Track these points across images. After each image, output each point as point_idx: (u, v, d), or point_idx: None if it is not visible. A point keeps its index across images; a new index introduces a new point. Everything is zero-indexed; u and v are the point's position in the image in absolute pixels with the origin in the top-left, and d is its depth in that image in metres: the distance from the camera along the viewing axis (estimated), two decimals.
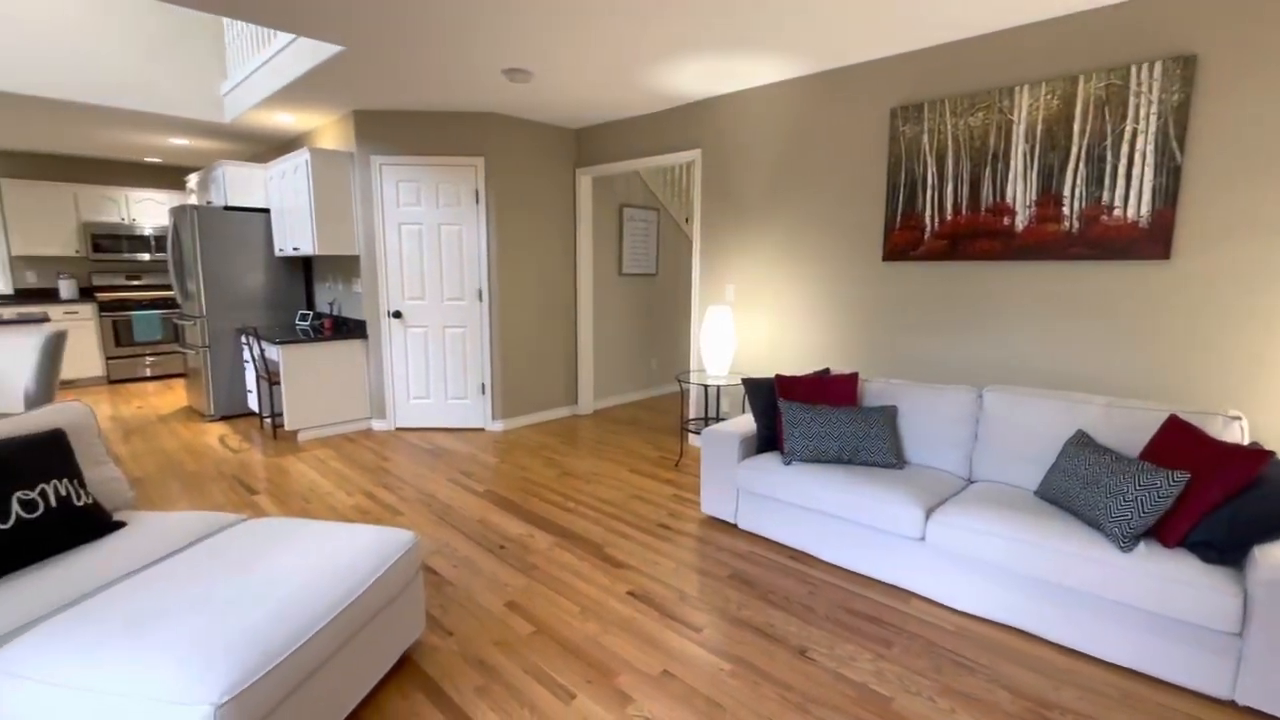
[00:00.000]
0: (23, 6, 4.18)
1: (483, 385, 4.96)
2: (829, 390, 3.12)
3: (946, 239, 3.17)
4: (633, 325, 6.01)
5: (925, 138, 3.20)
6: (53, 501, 1.94)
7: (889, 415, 2.94)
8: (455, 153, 4.67)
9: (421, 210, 4.74)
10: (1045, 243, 2.87)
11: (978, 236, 3.07)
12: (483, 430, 5.01)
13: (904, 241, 3.33)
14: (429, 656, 2.14)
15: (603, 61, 3.45)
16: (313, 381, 4.68)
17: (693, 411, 4.57)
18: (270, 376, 4.74)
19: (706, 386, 4.02)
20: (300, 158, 4.63)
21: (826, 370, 3.37)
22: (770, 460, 3.01)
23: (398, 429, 5.02)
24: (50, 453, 2.05)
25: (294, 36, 3.71)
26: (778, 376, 3.19)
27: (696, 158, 4.31)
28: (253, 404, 5.33)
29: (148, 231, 7.41)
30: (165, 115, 4.86)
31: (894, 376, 3.49)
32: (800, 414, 2.96)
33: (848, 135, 3.53)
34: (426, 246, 4.78)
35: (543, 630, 2.30)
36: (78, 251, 7.03)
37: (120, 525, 2.13)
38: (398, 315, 4.86)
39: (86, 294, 7.13)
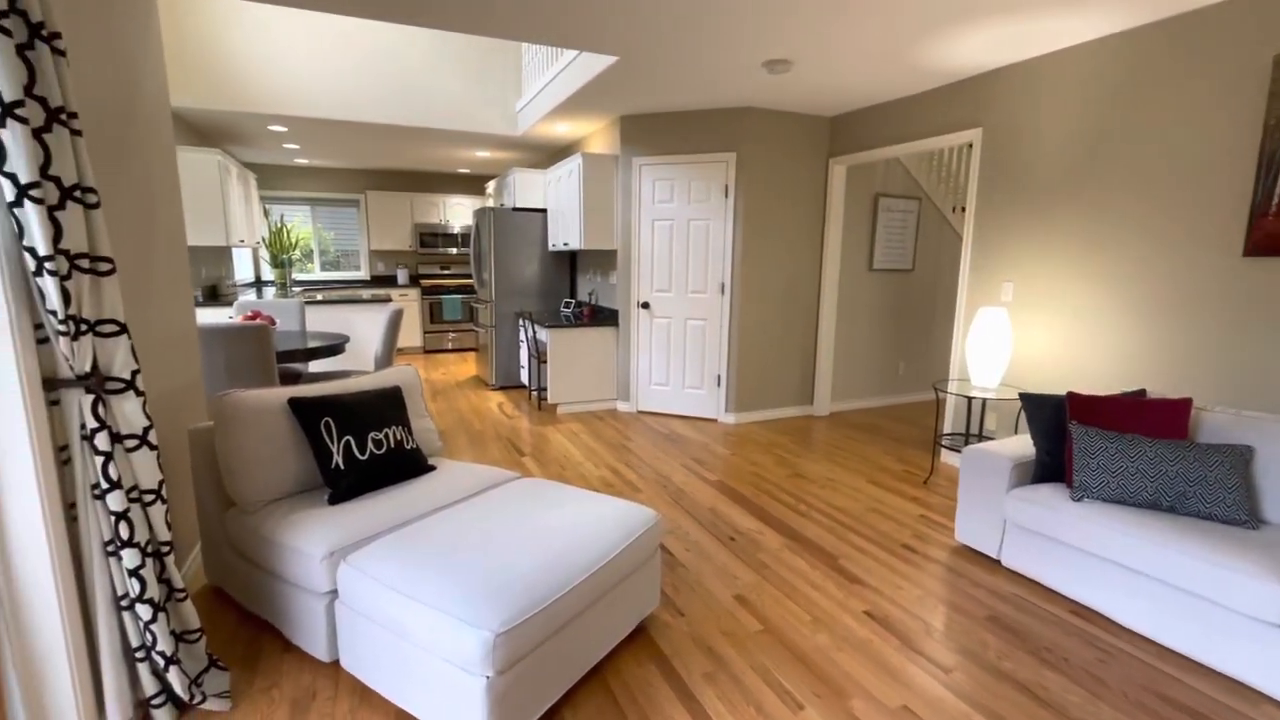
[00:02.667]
0: (386, 57, 5.36)
1: (718, 377, 5.05)
2: (1145, 417, 2.51)
3: None
4: (880, 325, 5.57)
5: None
6: (392, 443, 2.46)
7: (1239, 457, 2.26)
8: (708, 150, 4.79)
9: (673, 206, 4.97)
10: None
11: None
12: (715, 421, 5.11)
13: None
14: (662, 631, 2.24)
15: (870, 42, 3.22)
16: (572, 362, 5.25)
17: (949, 425, 4.07)
18: (539, 355, 5.43)
19: (970, 399, 3.54)
20: (574, 162, 5.19)
21: (1142, 392, 2.72)
22: (1052, 493, 2.53)
23: (639, 412, 5.38)
24: (392, 404, 2.60)
25: (577, 53, 4.16)
26: (1070, 394, 2.67)
27: (975, 138, 3.80)
28: (524, 378, 6.17)
29: (456, 230, 9.03)
30: (476, 133, 5.84)
31: (1249, 408, 2.68)
32: (1101, 442, 2.43)
33: (1193, 97, 2.77)
34: (675, 241, 5.01)
35: (771, 630, 2.25)
36: (410, 247, 8.88)
37: (432, 468, 2.62)
38: (646, 306, 5.19)
39: (414, 280, 8.96)
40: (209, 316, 5.40)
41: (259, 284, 8.16)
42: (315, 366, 5.85)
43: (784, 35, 3.16)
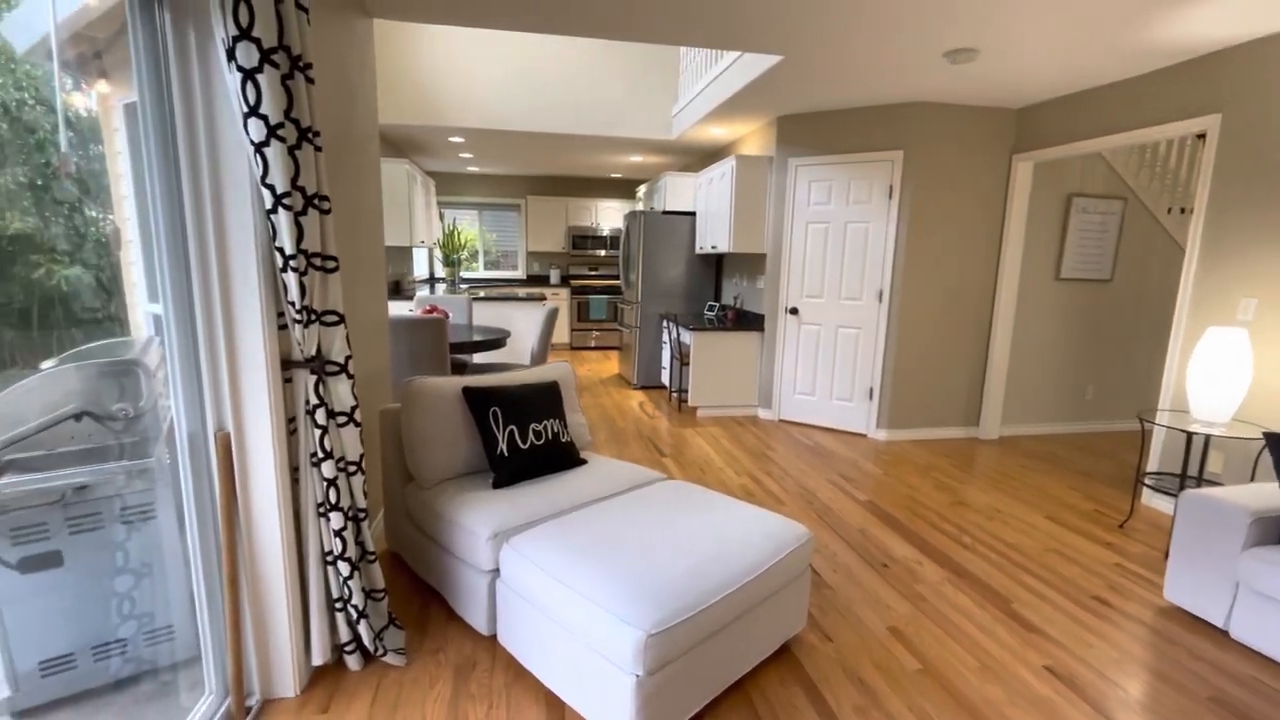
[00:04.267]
0: (553, 69, 5.67)
1: (870, 390, 4.75)
2: None
3: None
4: (1067, 341, 4.92)
5: None
6: (550, 435, 2.59)
7: None
8: (872, 148, 4.52)
9: (830, 208, 4.76)
10: None
11: None
12: (864, 436, 4.81)
13: None
14: (808, 654, 2.14)
15: (1076, 20, 2.84)
16: (714, 366, 5.22)
17: (1155, 463, 3.49)
18: (682, 357, 5.46)
19: (1189, 434, 3.00)
20: (727, 165, 5.16)
21: None
22: None
23: (781, 420, 5.22)
24: (550, 398, 2.74)
25: (737, 56, 4.12)
26: None
27: (1210, 127, 3.21)
28: (665, 379, 6.25)
29: (606, 232, 9.38)
30: (632, 138, 6.01)
31: None
32: None
33: None
34: (830, 245, 4.79)
35: (931, 672, 2.06)
36: (563, 248, 9.36)
37: (584, 462, 2.72)
38: (794, 311, 5.02)
39: (564, 280, 9.44)
40: (394, 309, 6.09)
41: (432, 280, 9.04)
42: (478, 358, 6.37)
43: (971, 21, 2.89)
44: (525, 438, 2.50)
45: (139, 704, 1.97)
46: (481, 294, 7.57)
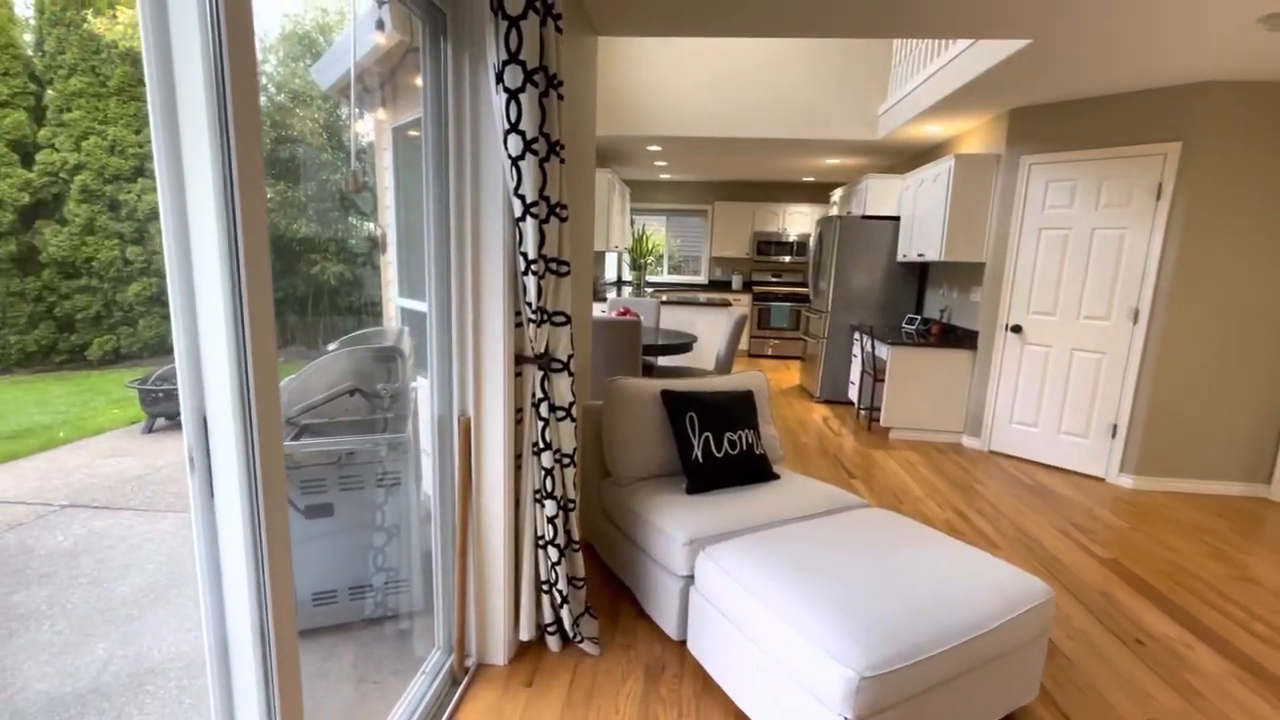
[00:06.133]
0: (749, 72, 5.60)
1: (1113, 426, 4.01)
2: None
3: None
4: None
5: None
6: (744, 445, 2.53)
7: None
8: (1137, 141, 3.81)
9: (1072, 212, 4.10)
10: None
11: None
12: (1101, 480, 4.08)
13: None
14: None
15: None
16: (913, 384, 4.78)
17: None
18: (875, 372, 5.09)
19: None
20: (943, 165, 4.69)
21: None
22: None
23: (991, 451, 4.63)
24: (745, 408, 2.68)
25: (965, 45, 3.71)
26: None
27: None
28: (852, 394, 5.88)
29: (792, 238, 9.10)
30: (832, 139, 5.73)
31: None
32: None
33: None
34: (1070, 254, 4.13)
35: None
36: (747, 254, 9.27)
37: (777, 477, 2.62)
38: (1017, 329, 4.42)
39: (747, 286, 9.34)
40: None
41: (619, 283, 9.48)
42: (662, 361, 6.53)
43: None
44: (720, 446, 2.47)
45: (380, 642, 2.28)
46: (664, 298, 7.76)
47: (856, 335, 5.71)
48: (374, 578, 2.23)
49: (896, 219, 5.73)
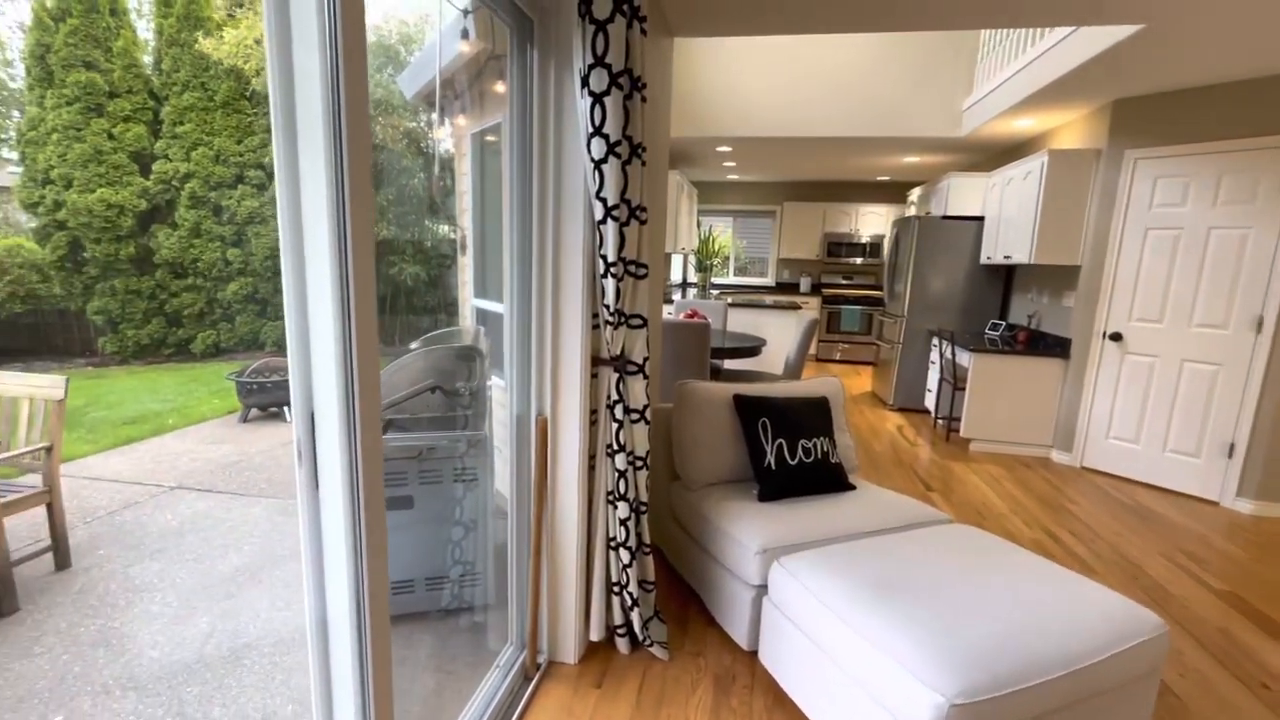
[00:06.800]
0: (824, 70, 5.45)
1: (1230, 446, 3.65)
2: None
3: None
4: None
5: None
6: (819, 453, 2.46)
7: None
8: (1265, 132, 3.46)
9: (1185, 211, 3.77)
10: None
11: None
12: (1215, 505, 3.72)
13: None
14: None
15: None
16: (997, 393, 4.52)
17: None
18: (954, 380, 4.85)
19: None
20: (1034, 162, 4.42)
21: None
22: None
23: (1084, 467, 4.31)
24: (820, 415, 2.60)
25: (1064, 35, 3.47)
26: None
27: None
28: (928, 402, 5.62)
29: (865, 239, 8.81)
30: (910, 137, 5.51)
31: None
32: None
33: None
34: (1181, 256, 3.79)
35: None
36: (816, 256, 9.04)
37: (853, 487, 2.53)
38: (1116, 338, 4.10)
39: (815, 289, 9.11)
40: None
41: (684, 285, 9.45)
42: (728, 364, 6.45)
43: None
44: (794, 453, 2.41)
45: (454, 634, 2.34)
46: (729, 300, 7.67)
47: (935, 341, 5.46)
48: (450, 570, 2.30)
49: (980, 219, 5.44)
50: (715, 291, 9.00)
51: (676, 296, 7.97)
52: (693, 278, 9.42)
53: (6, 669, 2.13)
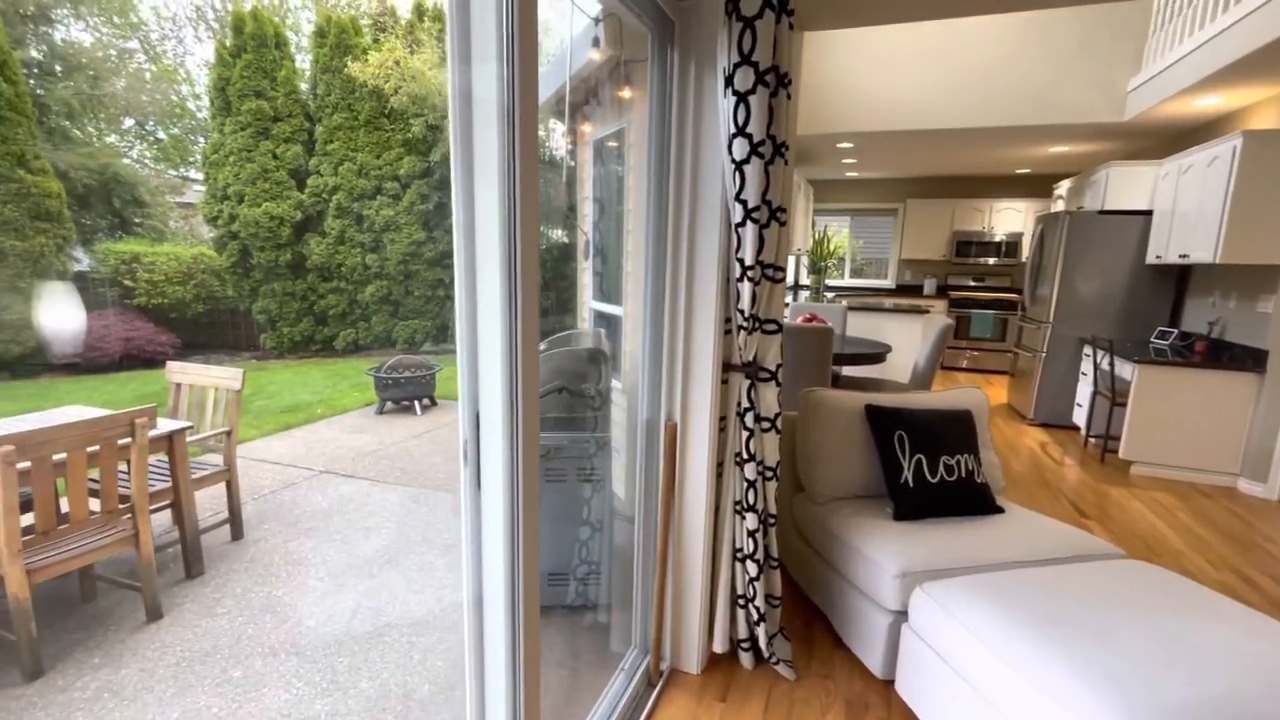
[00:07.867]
0: (957, 57, 5.04)
1: None
2: None
3: None
4: None
5: None
6: (963, 472, 2.26)
7: None
8: None
9: None
10: None
11: None
12: None
13: None
14: None
15: None
16: (1168, 410, 3.97)
17: None
18: (1111, 394, 4.32)
19: None
20: (1223, 145, 3.84)
21: None
22: None
23: None
24: (963, 429, 2.39)
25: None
26: None
27: None
28: (1077, 418, 5.05)
29: (999, 238, 8.10)
30: (1061, 124, 4.97)
31: None
32: None
33: None
34: None
35: None
36: (943, 256, 8.43)
37: (1001, 510, 2.30)
38: None
39: (941, 291, 8.50)
40: None
41: (796, 288, 9.16)
42: (846, 371, 6.16)
43: None
44: (935, 470, 2.23)
45: (576, 631, 2.38)
46: (844, 303, 7.32)
47: (1087, 350, 4.90)
48: (576, 569, 2.34)
49: (1146, 213, 4.82)
50: (830, 294, 8.65)
51: (790, 299, 7.73)
52: (805, 280, 9.11)
53: (196, 625, 2.42)
